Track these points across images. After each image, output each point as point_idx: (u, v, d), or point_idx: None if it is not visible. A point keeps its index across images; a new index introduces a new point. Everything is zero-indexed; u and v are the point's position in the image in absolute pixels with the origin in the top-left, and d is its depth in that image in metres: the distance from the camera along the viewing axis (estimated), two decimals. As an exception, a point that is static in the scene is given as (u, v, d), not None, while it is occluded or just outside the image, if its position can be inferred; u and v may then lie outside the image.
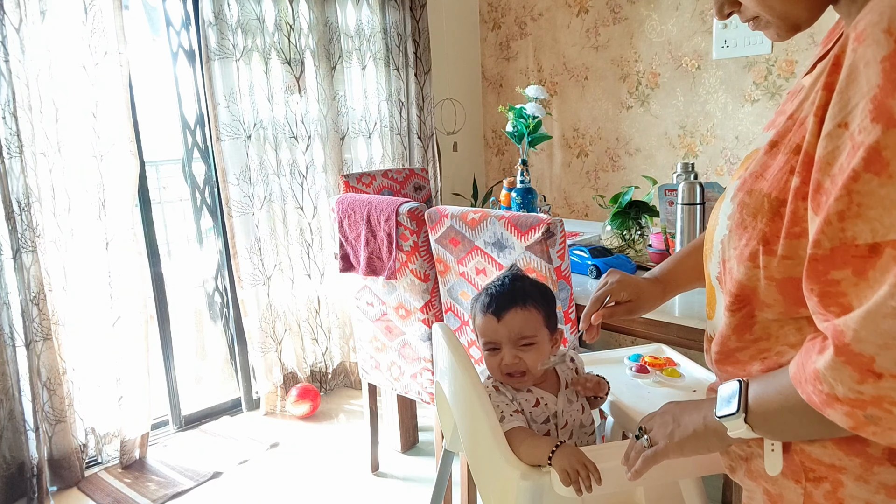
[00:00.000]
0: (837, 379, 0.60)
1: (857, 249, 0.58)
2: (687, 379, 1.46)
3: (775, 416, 0.70)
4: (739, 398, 0.73)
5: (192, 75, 2.78)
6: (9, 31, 2.13)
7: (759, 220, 0.70)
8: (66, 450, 2.40)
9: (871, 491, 0.68)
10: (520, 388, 1.20)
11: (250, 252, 2.84)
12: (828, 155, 0.61)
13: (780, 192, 0.69)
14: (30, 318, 2.24)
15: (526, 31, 3.47)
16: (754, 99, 2.69)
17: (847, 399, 0.60)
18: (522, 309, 1.18)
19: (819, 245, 0.61)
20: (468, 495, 1.91)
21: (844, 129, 0.59)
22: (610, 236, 2.25)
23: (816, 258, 0.61)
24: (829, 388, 0.61)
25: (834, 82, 0.62)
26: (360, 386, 2.63)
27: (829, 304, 0.61)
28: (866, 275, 0.58)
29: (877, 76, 0.57)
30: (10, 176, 2.18)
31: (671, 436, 0.81)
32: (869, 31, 0.58)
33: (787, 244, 0.68)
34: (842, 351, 0.59)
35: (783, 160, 0.70)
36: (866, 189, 0.57)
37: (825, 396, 0.62)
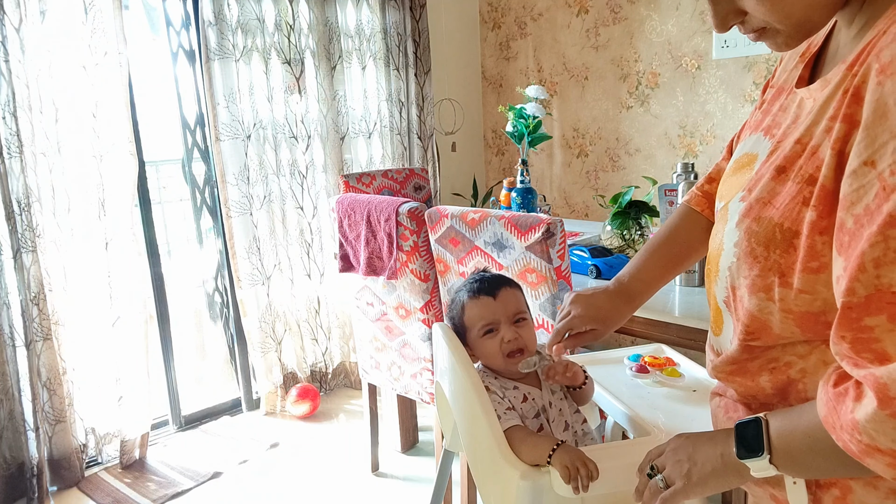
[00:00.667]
0: (880, 431, 0.57)
1: (895, 296, 0.56)
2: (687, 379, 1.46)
3: (802, 456, 0.68)
4: (762, 438, 0.70)
5: (191, 75, 2.78)
6: (9, 31, 2.13)
7: (773, 252, 0.68)
8: (66, 450, 2.40)
9: (880, 497, 0.67)
10: (506, 386, 1.20)
11: (249, 252, 2.84)
12: (853, 194, 0.59)
13: (793, 223, 0.67)
14: (30, 318, 2.24)
15: (526, 31, 3.47)
16: (754, 99, 2.69)
17: (890, 451, 0.58)
18: (511, 287, 1.24)
19: (853, 293, 0.59)
20: (468, 495, 1.91)
21: (872, 168, 0.57)
22: (610, 236, 2.25)
23: (850, 306, 0.59)
24: (869, 440, 0.59)
25: (854, 115, 0.60)
26: (360, 386, 2.63)
27: (862, 351, 0.59)
28: None
29: None
30: (10, 176, 2.18)
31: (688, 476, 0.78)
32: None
33: (803, 278, 0.66)
34: (886, 405, 0.57)
35: (794, 189, 0.67)
36: None
37: (865, 447, 0.59)
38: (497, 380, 1.22)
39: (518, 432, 1.12)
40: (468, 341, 1.24)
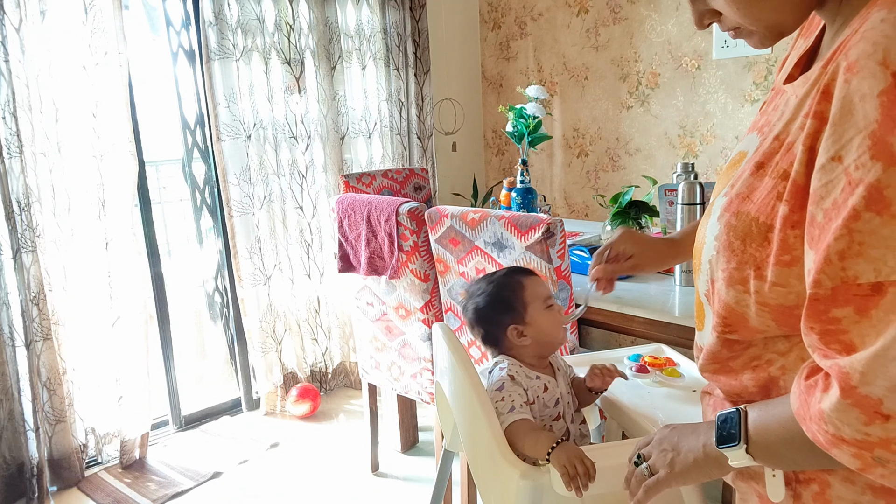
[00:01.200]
0: (844, 421, 0.59)
1: (860, 288, 0.58)
2: (687, 379, 1.46)
3: (777, 447, 0.70)
4: (739, 428, 0.72)
5: (192, 75, 2.78)
6: (9, 31, 2.13)
7: (749, 245, 0.70)
8: (66, 450, 2.40)
9: (857, 492, 0.68)
10: (530, 376, 1.24)
11: (250, 252, 2.84)
12: (821, 188, 0.61)
13: (768, 217, 0.68)
14: (30, 318, 2.24)
15: (526, 31, 3.47)
16: (754, 99, 2.69)
17: (854, 441, 0.59)
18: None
19: (820, 284, 0.60)
20: (468, 495, 1.91)
21: (838, 163, 0.59)
22: (610, 236, 2.25)
23: (818, 297, 0.61)
24: (834, 430, 0.60)
25: (824, 111, 0.62)
26: (360, 386, 2.63)
27: (830, 342, 0.61)
28: (869, 313, 0.58)
29: (875, 111, 0.56)
30: (10, 176, 2.18)
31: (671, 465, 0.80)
32: (863, 63, 0.58)
33: (777, 271, 0.67)
34: (849, 394, 0.58)
35: (770, 184, 0.69)
36: (867, 228, 0.57)
37: (831, 437, 0.61)
38: (522, 368, 1.26)
39: (523, 426, 1.14)
40: (526, 317, 1.27)
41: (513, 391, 1.20)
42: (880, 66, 0.56)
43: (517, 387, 1.21)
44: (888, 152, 0.55)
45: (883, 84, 0.56)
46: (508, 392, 1.20)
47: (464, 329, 1.92)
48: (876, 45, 0.57)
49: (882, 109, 0.56)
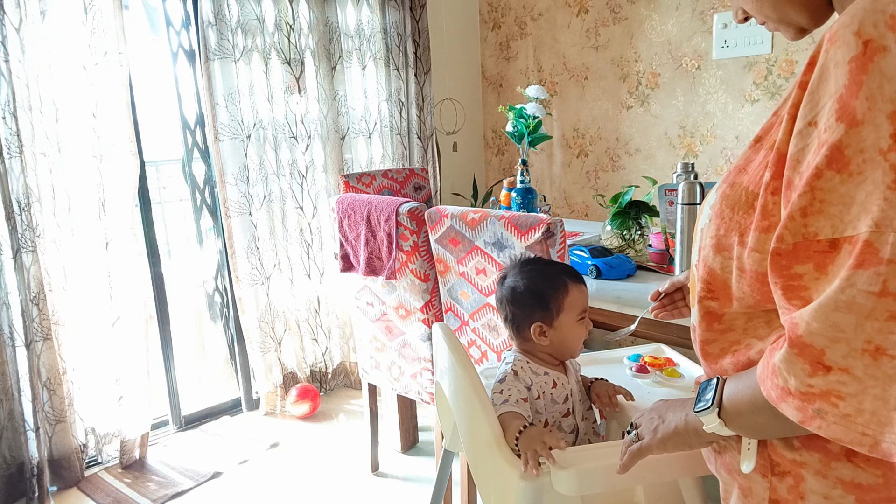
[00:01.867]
0: (791, 372, 0.62)
1: (819, 245, 0.60)
2: (687, 379, 1.46)
3: (745, 413, 0.72)
4: (714, 393, 0.75)
5: (191, 75, 2.78)
6: (9, 31, 2.13)
7: (737, 213, 0.72)
8: (66, 450, 2.40)
9: (828, 486, 0.70)
10: (537, 372, 1.25)
11: (249, 252, 2.84)
12: (798, 153, 0.63)
13: (756, 186, 0.71)
14: (30, 318, 2.24)
15: (526, 31, 3.47)
16: (754, 99, 2.69)
17: (798, 392, 0.62)
18: None
19: (782, 240, 0.63)
20: (468, 495, 1.91)
21: (814, 128, 0.62)
22: (610, 236, 2.25)
23: (780, 252, 0.63)
24: (783, 382, 0.63)
25: (808, 82, 0.64)
26: (360, 386, 2.63)
27: (792, 298, 0.63)
28: (826, 269, 0.60)
29: (844, 76, 0.59)
30: (10, 176, 2.18)
31: (655, 431, 0.84)
32: (840, 33, 0.60)
33: (756, 237, 0.69)
34: (795, 343, 0.61)
35: (763, 155, 0.72)
36: (828, 186, 0.59)
37: (780, 391, 0.64)
38: (529, 364, 1.27)
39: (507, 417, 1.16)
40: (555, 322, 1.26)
41: (512, 386, 1.22)
42: (854, 36, 0.59)
43: (518, 382, 1.23)
44: (850, 115, 0.58)
45: (854, 51, 0.58)
46: (508, 386, 1.22)
47: (463, 329, 1.92)
48: (853, 16, 0.60)
49: (850, 75, 0.58)
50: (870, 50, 0.57)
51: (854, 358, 0.58)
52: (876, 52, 0.57)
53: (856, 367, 0.58)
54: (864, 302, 0.56)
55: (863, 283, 0.56)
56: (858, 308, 0.57)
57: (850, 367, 0.58)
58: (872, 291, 0.56)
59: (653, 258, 1.98)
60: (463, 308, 1.90)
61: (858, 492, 0.69)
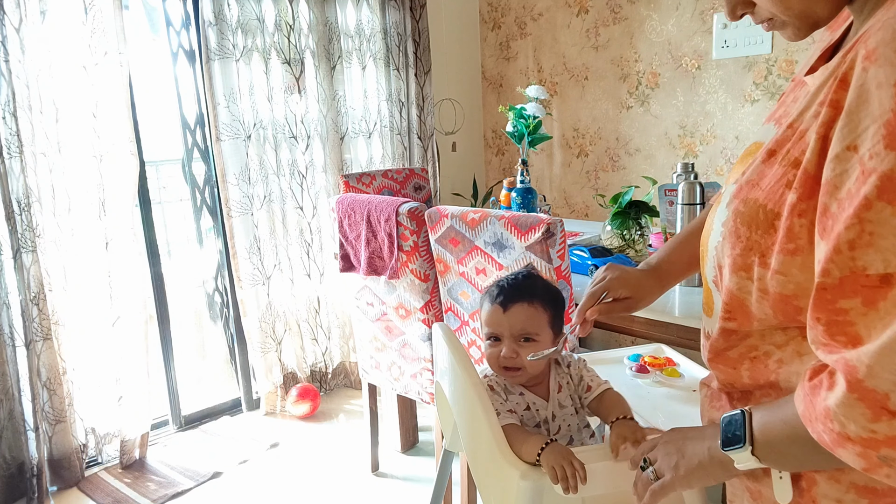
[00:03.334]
0: (849, 417, 0.58)
1: (868, 279, 0.57)
2: (687, 379, 1.46)
3: (783, 447, 0.69)
4: (744, 430, 0.71)
5: (192, 75, 2.78)
6: (9, 31, 2.13)
7: (755, 232, 0.69)
8: (66, 450, 2.40)
9: (841, 490, 0.68)
10: (511, 391, 1.19)
11: (250, 252, 2.84)
12: (836, 178, 0.59)
13: (776, 204, 0.68)
14: (30, 318, 2.24)
15: (526, 31, 3.47)
16: (754, 99, 2.69)
17: (859, 438, 0.58)
18: (529, 305, 1.16)
19: (828, 274, 0.59)
20: (468, 495, 1.91)
21: (854, 153, 0.58)
22: (610, 236, 2.25)
23: (825, 287, 0.59)
24: (839, 427, 0.59)
25: (840, 100, 0.60)
26: (360, 386, 2.63)
27: (836, 334, 0.59)
28: (877, 305, 0.57)
29: (890, 100, 0.55)
30: (10, 176, 2.18)
31: (676, 468, 0.79)
32: (881, 51, 0.56)
33: (780, 259, 0.67)
34: (855, 387, 0.57)
35: (780, 172, 0.68)
36: (879, 218, 0.56)
37: (836, 436, 0.59)
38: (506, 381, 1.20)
39: (512, 430, 1.11)
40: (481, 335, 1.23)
41: (494, 399, 1.16)
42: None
43: (496, 396, 1.17)
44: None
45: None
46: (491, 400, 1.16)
47: (464, 329, 1.92)
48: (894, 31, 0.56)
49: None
50: None
51: None
52: None
53: None
54: None
55: None
56: None
57: None
58: None
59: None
60: (463, 308, 1.90)
61: (872, 496, 0.67)
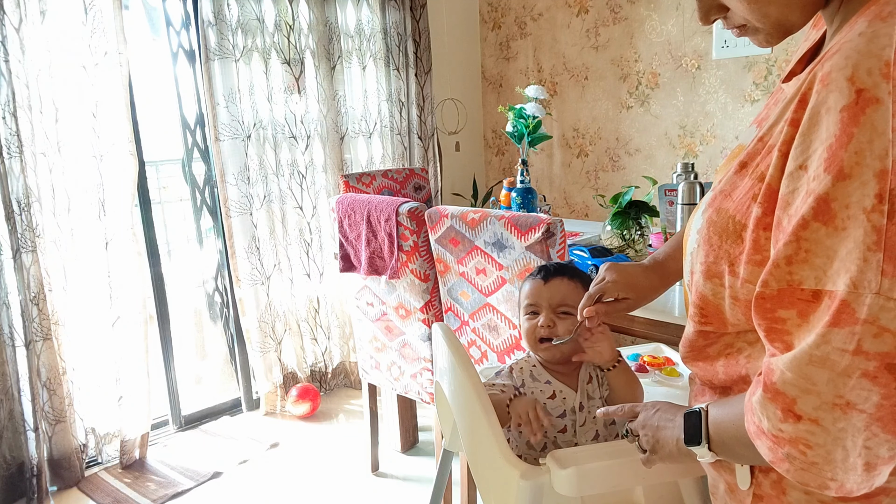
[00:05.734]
0: (764, 414, 0.63)
1: (803, 293, 0.61)
2: (686, 378, 1.46)
3: (731, 445, 0.74)
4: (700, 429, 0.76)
5: (191, 75, 2.78)
6: (9, 31, 2.13)
7: (725, 241, 0.72)
8: (66, 450, 2.40)
9: None
10: (537, 378, 1.22)
11: (249, 252, 2.84)
12: (788, 195, 0.63)
13: (742, 216, 0.70)
14: (30, 318, 2.24)
15: (526, 31, 3.47)
16: (754, 99, 2.69)
17: (770, 434, 0.63)
18: (569, 280, 1.24)
19: (767, 285, 0.63)
20: (468, 495, 1.91)
21: (804, 172, 0.61)
22: (610, 236, 2.25)
23: (764, 296, 0.63)
24: (758, 421, 0.65)
25: (799, 119, 0.63)
26: (360, 386, 2.63)
27: (774, 340, 0.64)
28: (808, 318, 0.61)
29: (835, 125, 0.58)
30: (10, 176, 2.18)
31: (653, 450, 0.86)
32: (833, 76, 0.59)
33: (748, 269, 0.70)
34: (768, 389, 0.63)
35: (748, 184, 0.71)
36: (814, 237, 0.59)
37: (756, 428, 0.65)
38: (534, 368, 1.24)
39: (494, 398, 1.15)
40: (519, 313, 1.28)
41: (503, 380, 1.23)
42: (847, 82, 0.57)
43: (510, 379, 1.23)
44: (839, 166, 0.57)
45: (846, 100, 0.57)
46: (500, 378, 1.24)
47: (463, 329, 1.92)
48: (847, 59, 0.58)
49: (841, 125, 0.57)
50: (862, 100, 0.56)
51: (824, 411, 0.59)
52: (868, 104, 0.56)
53: (825, 419, 0.59)
54: (837, 359, 0.57)
55: (838, 341, 0.57)
56: (832, 364, 0.58)
57: (819, 419, 0.60)
58: (846, 349, 0.57)
59: (653, 258, 1.98)
60: (463, 308, 1.90)
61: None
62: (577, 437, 1.20)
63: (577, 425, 1.20)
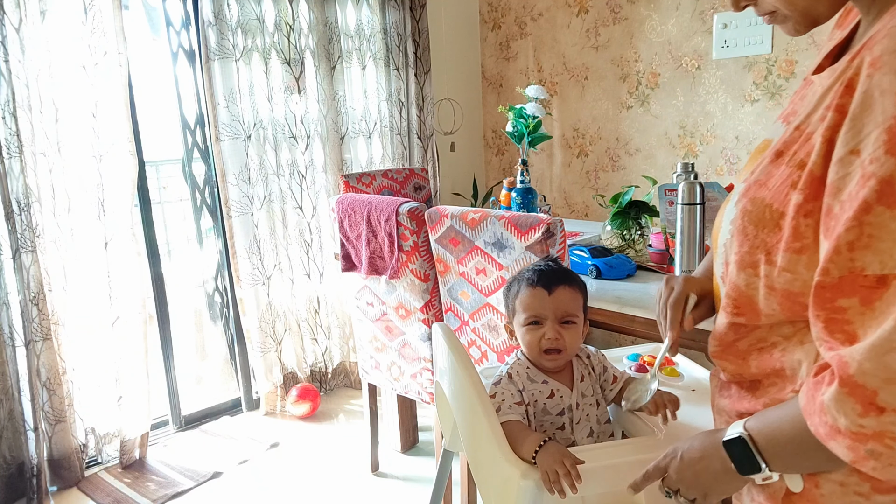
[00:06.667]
0: (840, 411, 0.60)
1: (866, 280, 0.59)
2: (686, 379, 1.46)
3: (791, 457, 0.71)
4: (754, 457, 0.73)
5: (191, 75, 2.78)
6: (9, 31, 2.13)
7: (762, 231, 0.72)
8: (66, 450, 2.39)
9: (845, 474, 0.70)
10: (534, 379, 1.21)
11: (250, 252, 2.84)
12: (839, 181, 0.62)
13: (781, 204, 0.70)
14: (29, 318, 2.24)
15: (526, 31, 3.47)
16: (754, 99, 2.69)
17: (849, 432, 0.60)
18: (571, 288, 1.21)
19: (827, 273, 0.61)
20: (468, 495, 1.91)
21: (856, 157, 0.60)
22: (610, 236, 2.25)
23: (824, 285, 0.62)
24: (832, 420, 0.61)
25: (845, 105, 0.62)
26: (360, 386, 2.63)
27: (835, 331, 0.62)
28: (873, 305, 0.59)
29: (893, 107, 0.57)
30: (10, 176, 2.18)
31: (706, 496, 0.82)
32: (885, 59, 0.58)
33: (786, 257, 0.69)
34: (846, 382, 0.59)
35: (786, 173, 0.70)
36: (878, 221, 0.58)
37: (829, 429, 0.62)
38: (529, 370, 1.22)
39: (513, 427, 1.12)
40: (513, 322, 1.25)
41: (506, 389, 1.19)
42: None
43: (512, 386, 1.20)
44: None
45: None
46: (502, 389, 1.19)
47: (463, 329, 1.92)
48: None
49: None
50: None
51: None
52: None
53: None
54: None
55: None
56: None
57: None
58: None
59: (653, 258, 1.98)
60: (463, 308, 1.90)
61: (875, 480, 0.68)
62: (574, 434, 1.20)
63: (573, 422, 1.20)
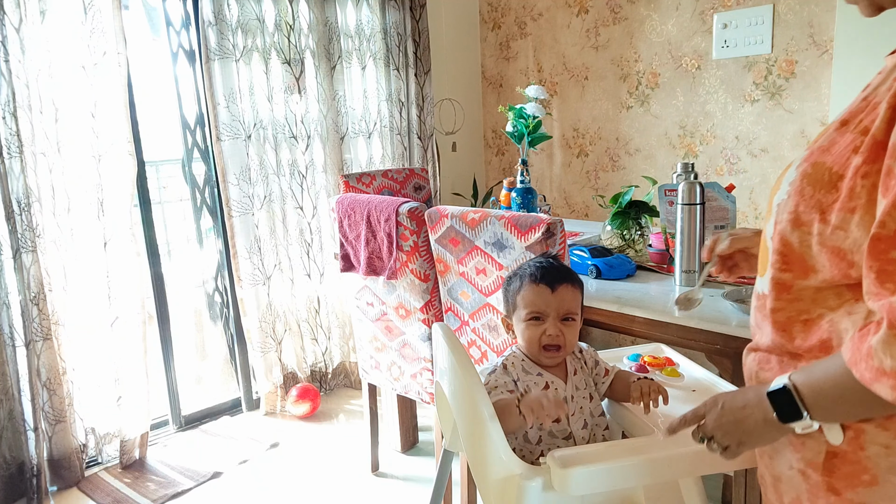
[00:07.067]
0: (887, 352, 0.64)
1: None
2: (686, 379, 1.46)
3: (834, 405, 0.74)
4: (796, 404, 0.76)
5: (192, 75, 2.78)
6: (9, 31, 2.13)
7: (818, 191, 0.75)
8: (66, 450, 2.40)
9: (890, 437, 0.73)
10: (529, 371, 1.23)
11: (250, 252, 2.84)
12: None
13: (841, 167, 0.73)
14: (29, 318, 2.24)
15: (526, 31, 3.47)
16: (754, 99, 2.69)
17: (893, 372, 0.64)
18: (572, 286, 1.25)
19: (884, 225, 0.65)
20: (468, 495, 1.91)
21: None
22: (610, 236, 2.25)
23: (880, 237, 0.66)
24: (878, 363, 0.65)
25: None
26: (360, 386, 2.63)
27: (886, 281, 0.66)
28: None
29: None
30: (10, 176, 2.18)
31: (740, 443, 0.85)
32: None
33: (840, 216, 0.72)
34: (895, 324, 0.64)
35: (850, 139, 0.74)
36: None
37: (874, 371, 0.66)
38: (524, 361, 1.25)
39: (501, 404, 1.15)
40: (513, 317, 1.28)
41: (500, 378, 1.23)
42: None
43: (506, 376, 1.24)
44: None
45: None
46: (496, 377, 1.24)
47: (463, 329, 1.92)
48: None
49: None
50: None
51: None
52: None
53: None
54: None
55: None
56: None
57: None
58: None
59: (653, 258, 1.98)
60: (463, 308, 1.90)
61: None
62: (570, 426, 1.23)
63: (569, 415, 1.23)
